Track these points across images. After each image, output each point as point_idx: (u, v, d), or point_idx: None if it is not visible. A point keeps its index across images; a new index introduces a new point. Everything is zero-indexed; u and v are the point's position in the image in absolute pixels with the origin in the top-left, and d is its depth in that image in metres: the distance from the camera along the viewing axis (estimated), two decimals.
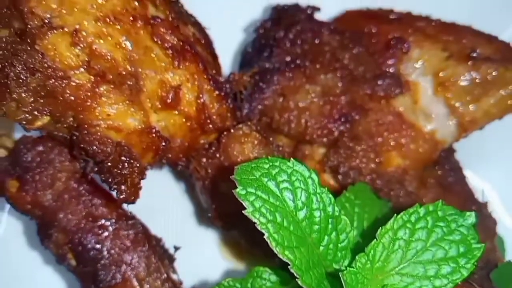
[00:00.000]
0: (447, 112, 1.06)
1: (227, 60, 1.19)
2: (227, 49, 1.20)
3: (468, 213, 0.75)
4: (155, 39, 0.83)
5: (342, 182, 1.04)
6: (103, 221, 0.90)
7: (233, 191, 0.67)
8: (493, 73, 1.03)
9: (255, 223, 0.66)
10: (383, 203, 0.98)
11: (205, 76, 0.86)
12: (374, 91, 1.05)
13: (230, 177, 0.68)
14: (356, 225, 0.91)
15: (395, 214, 0.74)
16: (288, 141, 1.06)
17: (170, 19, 0.89)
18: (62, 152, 0.87)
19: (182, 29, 0.90)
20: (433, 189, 1.07)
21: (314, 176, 0.71)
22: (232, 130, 0.90)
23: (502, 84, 1.04)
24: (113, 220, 0.90)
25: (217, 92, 0.87)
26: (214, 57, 0.98)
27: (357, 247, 0.77)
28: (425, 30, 1.12)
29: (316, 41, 1.09)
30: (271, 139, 0.94)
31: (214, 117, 0.89)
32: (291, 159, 0.71)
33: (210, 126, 0.88)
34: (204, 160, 0.92)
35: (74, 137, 0.80)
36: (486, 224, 1.06)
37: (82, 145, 0.79)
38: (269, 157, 0.71)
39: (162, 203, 1.11)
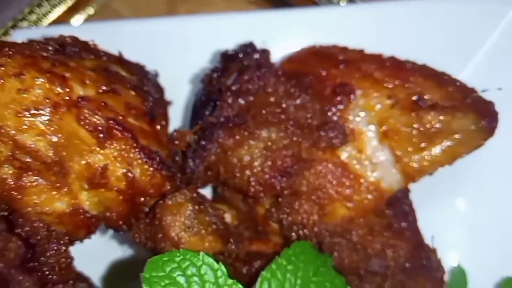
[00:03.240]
0: (393, 160, 1.06)
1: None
2: (182, 98, 1.22)
3: None
4: (80, 122, 0.85)
5: (287, 235, 1.06)
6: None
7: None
8: (437, 125, 1.02)
9: None
10: (324, 259, 0.99)
11: (134, 151, 0.89)
12: (317, 142, 1.05)
13: (140, 274, 0.71)
14: (300, 287, 0.93)
15: None
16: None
17: (101, 92, 0.90)
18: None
19: (114, 102, 0.92)
20: (381, 236, 1.07)
21: (223, 268, 0.74)
22: (166, 200, 0.92)
23: (448, 133, 1.02)
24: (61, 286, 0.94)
25: (148, 165, 0.89)
26: (155, 118, 0.99)
27: None
28: (372, 75, 1.10)
29: (261, 91, 1.09)
30: (205, 206, 0.95)
31: (148, 188, 0.91)
32: (201, 253, 0.74)
33: (142, 199, 0.90)
34: (142, 226, 0.94)
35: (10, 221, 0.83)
36: (434, 274, 1.06)
37: (16, 229, 0.83)
38: (181, 250, 0.73)
39: None
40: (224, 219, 0.97)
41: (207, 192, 1.22)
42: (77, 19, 1.66)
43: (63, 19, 1.67)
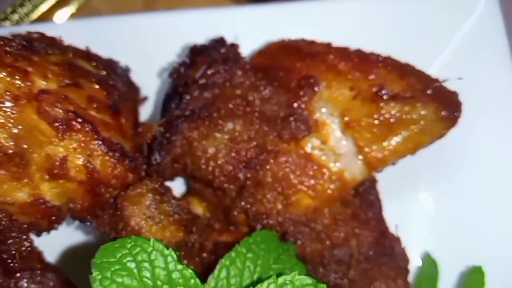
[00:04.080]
0: (356, 150, 1.07)
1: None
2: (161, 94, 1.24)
3: (321, 284, 0.78)
4: (40, 115, 0.87)
5: (252, 225, 1.07)
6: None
7: (89, 276, 0.71)
8: (397, 115, 1.03)
9: None
10: (287, 248, 1.01)
11: (94, 142, 0.90)
12: (281, 134, 1.07)
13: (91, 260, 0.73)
14: (260, 274, 0.95)
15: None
16: None
17: (63, 86, 0.93)
18: None
19: (76, 95, 0.94)
20: (346, 226, 1.09)
21: (173, 254, 0.75)
22: (128, 190, 0.94)
23: (408, 124, 1.04)
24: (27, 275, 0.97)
25: (109, 156, 0.91)
26: (119, 111, 1.01)
27: None
28: (337, 67, 1.12)
29: (227, 84, 1.11)
30: (167, 196, 0.97)
31: (110, 179, 0.93)
32: (151, 239, 0.76)
33: (104, 189, 0.93)
34: (106, 217, 0.97)
35: None
36: (397, 263, 1.08)
37: None
38: (132, 237, 0.75)
39: None
40: (187, 209, 0.98)
41: (180, 185, 1.25)
42: (59, 18, 1.69)
43: (45, 18, 1.70)
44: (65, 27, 1.44)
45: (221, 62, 1.14)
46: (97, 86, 1.00)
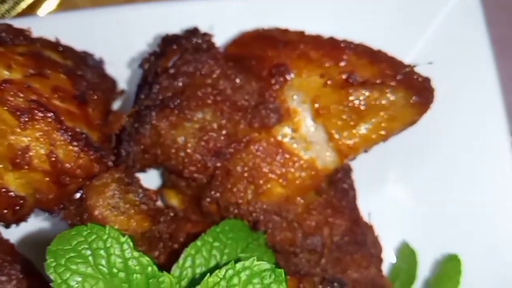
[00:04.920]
0: (327, 138, 1.06)
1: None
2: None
3: (279, 270, 0.77)
4: (2, 104, 0.87)
5: (224, 215, 1.07)
6: None
7: (44, 263, 0.71)
8: (367, 101, 1.02)
9: None
10: (256, 237, 1.00)
11: (57, 132, 0.90)
12: (252, 122, 1.06)
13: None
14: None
15: (208, 274, 0.77)
16: None
17: (27, 76, 0.92)
18: None
19: (40, 84, 0.93)
20: (319, 214, 1.08)
21: (129, 241, 0.75)
22: (93, 180, 0.93)
23: (377, 110, 1.03)
24: None
25: (72, 146, 0.91)
26: (86, 101, 1.00)
27: None
28: (308, 54, 1.11)
29: (198, 74, 1.10)
30: (133, 186, 0.97)
31: (74, 169, 0.92)
32: (107, 226, 0.75)
33: (68, 180, 0.92)
34: (73, 208, 0.96)
35: None
36: (370, 251, 1.07)
37: None
38: (88, 224, 0.74)
39: None
40: (154, 198, 0.97)
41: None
42: (40, 14, 1.68)
43: (26, 13, 1.69)
44: (42, 21, 1.44)
45: (192, 51, 1.13)
46: (63, 76, 0.99)
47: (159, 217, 0.97)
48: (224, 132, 1.06)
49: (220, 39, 1.30)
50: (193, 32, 1.20)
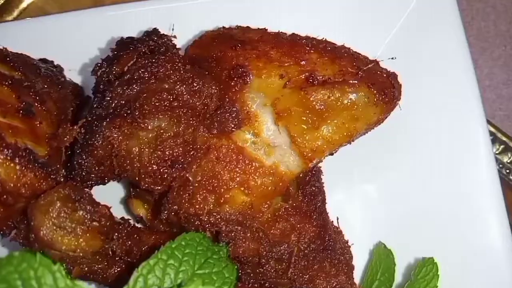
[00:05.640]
0: (290, 142, 1.01)
1: None
2: None
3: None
4: None
5: (185, 227, 1.02)
6: None
7: None
8: (328, 102, 0.97)
9: None
10: (218, 249, 0.95)
11: None
12: (211, 128, 1.01)
13: None
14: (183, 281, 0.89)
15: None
16: None
17: None
18: None
19: None
20: (286, 221, 1.03)
21: (61, 269, 0.70)
22: (38, 199, 0.88)
23: (339, 110, 0.98)
24: None
25: (14, 163, 0.86)
26: (31, 114, 0.95)
27: None
28: (268, 54, 1.05)
29: (153, 79, 1.04)
30: (82, 203, 0.92)
31: (18, 187, 0.88)
32: (38, 254, 0.70)
33: (12, 199, 0.87)
34: (22, 228, 0.91)
35: None
36: (339, 258, 1.02)
37: None
38: (18, 252, 0.69)
39: None
40: (106, 214, 0.92)
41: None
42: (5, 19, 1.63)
43: None
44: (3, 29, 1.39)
45: (148, 55, 1.08)
46: (6, 89, 0.94)
47: (112, 233, 0.92)
48: (181, 139, 1.00)
49: (183, 40, 1.26)
50: (151, 34, 1.14)
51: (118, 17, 1.32)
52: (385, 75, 1.00)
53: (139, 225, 1.20)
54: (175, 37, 1.15)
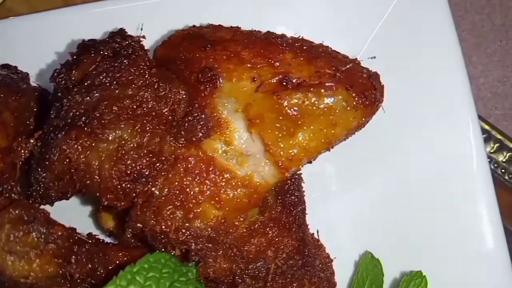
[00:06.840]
0: (264, 151, 0.93)
1: None
2: None
3: None
4: None
5: (154, 247, 0.94)
6: None
7: None
8: (303, 106, 0.89)
9: None
10: (186, 270, 0.88)
11: None
12: (178, 138, 0.93)
13: None
14: None
15: None
16: None
17: None
18: None
19: None
20: (262, 235, 0.96)
21: None
22: None
23: (315, 116, 0.90)
24: None
25: None
26: None
27: None
28: (240, 55, 0.97)
29: (115, 84, 0.96)
30: (35, 225, 0.84)
31: None
32: None
33: None
34: None
35: None
36: (320, 275, 0.94)
37: None
38: None
39: None
40: (64, 235, 0.85)
41: None
42: None
43: None
44: None
45: (111, 58, 0.99)
46: None
47: (70, 256, 0.84)
48: (145, 150, 0.92)
49: (152, 40, 1.18)
50: (116, 35, 1.06)
51: (86, 17, 1.24)
52: (365, 76, 0.92)
53: (109, 240, 1.13)
54: (144, 37, 1.07)
